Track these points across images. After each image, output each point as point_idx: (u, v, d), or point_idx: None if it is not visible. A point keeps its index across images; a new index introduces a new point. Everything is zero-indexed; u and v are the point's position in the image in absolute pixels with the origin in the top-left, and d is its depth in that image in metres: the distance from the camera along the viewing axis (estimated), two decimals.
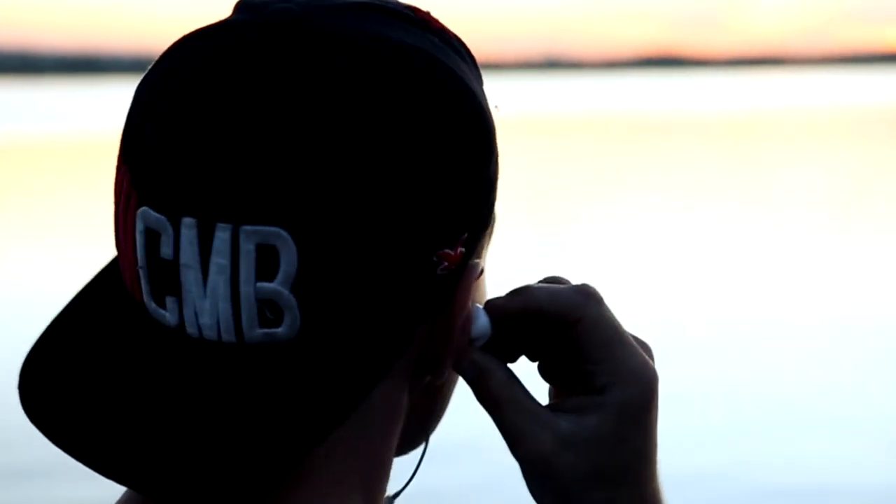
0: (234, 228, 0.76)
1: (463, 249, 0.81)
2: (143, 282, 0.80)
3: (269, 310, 0.77)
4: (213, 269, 0.77)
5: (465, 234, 0.81)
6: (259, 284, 0.77)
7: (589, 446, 0.85)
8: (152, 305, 0.80)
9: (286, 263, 0.76)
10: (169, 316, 0.80)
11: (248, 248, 0.76)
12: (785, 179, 25.01)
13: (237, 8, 0.85)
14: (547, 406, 0.89)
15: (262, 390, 0.77)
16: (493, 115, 0.85)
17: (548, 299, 0.88)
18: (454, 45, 0.85)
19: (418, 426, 0.89)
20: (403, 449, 0.89)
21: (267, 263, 0.77)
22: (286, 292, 0.77)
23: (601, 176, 26.98)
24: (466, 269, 0.83)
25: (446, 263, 0.80)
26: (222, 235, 0.77)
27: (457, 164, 0.79)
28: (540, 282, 0.92)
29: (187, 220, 0.77)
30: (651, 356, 0.91)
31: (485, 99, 0.85)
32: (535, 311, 0.88)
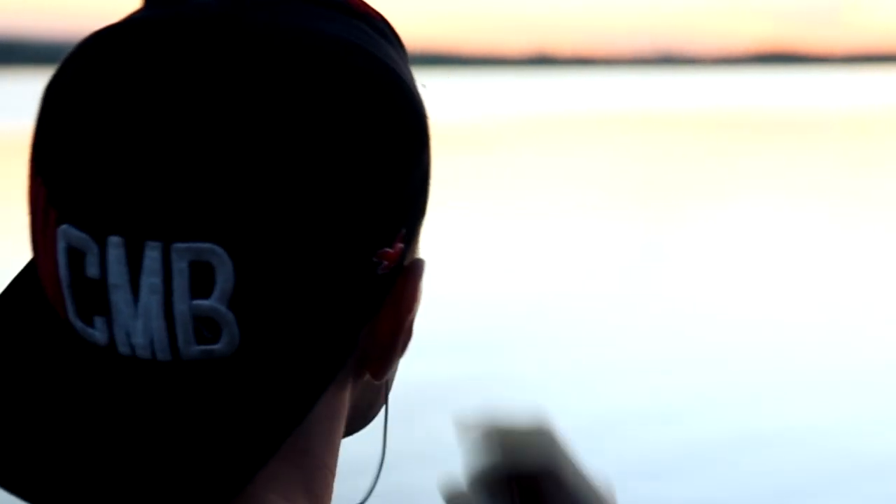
0: (165, 246, 0.73)
1: (402, 245, 0.78)
2: (67, 300, 0.76)
3: (206, 327, 0.74)
4: (144, 288, 0.74)
5: (403, 230, 0.78)
6: (194, 302, 0.73)
7: None
8: (79, 324, 0.76)
9: (222, 280, 0.73)
10: (98, 335, 0.76)
11: (180, 267, 0.73)
12: None
13: (147, 2, 0.80)
14: None
15: (202, 409, 0.74)
16: (422, 95, 0.82)
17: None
18: (380, 29, 0.82)
19: (360, 418, 0.87)
20: (343, 435, 0.86)
21: (202, 281, 0.73)
22: (223, 309, 0.74)
23: (715, 174, 26.53)
24: (412, 266, 0.80)
25: (386, 262, 0.77)
26: (153, 254, 0.73)
27: (391, 160, 0.76)
28: (505, 430, 0.97)
29: (114, 240, 0.74)
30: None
31: (414, 84, 0.81)
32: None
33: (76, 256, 0.75)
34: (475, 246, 15.37)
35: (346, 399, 0.82)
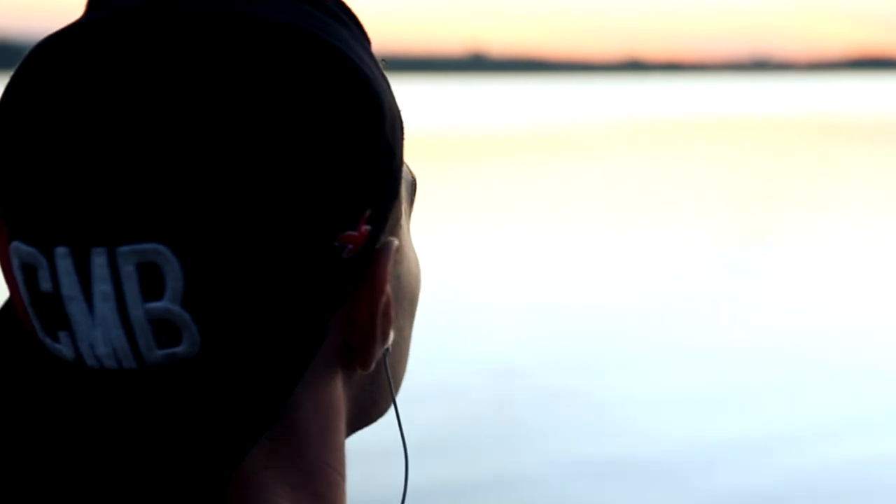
0: (110, 251, 0.72)
1: (368, 227, 0.76)
2: (32, 318, 0.77)
3: (164, 330, 0.73)
4: (97, 297, 0.73)
5: (369, 211, 0.76)
6: (148, 305, 0.73)
7: None
8: (48, 341, 0.76)
9: (171, 279, 0.72)
10: (65, 350, 0.76)
11: (128, 270, 0.72)
12: None
13: (88, 7, 0.80)
14: None
15: (171, 414, 0.73)
16: (382, 72, 0.81)
17: None
18: (332, 12, 0.80)
19: (363, 415, 0.85)
20: (348, 433, 0.85)
21: (151, 282, 0.73)
22: (178, 309, 0.73)
23: (810, 182, 26.04)
24: (381, 248, 0.78)
25: (351, 246, 0.76)
26: (99, 261, 0.73)
27: (342, 141, 0.75)
28: None
29: (60, 250, 0.73)
30: None
31: (369, 63, 0.79)
32: None
33: (30, 272, 0.75)
34: (569, 253, 15.06)
35: (339, 395, 0.81)
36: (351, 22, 0.80)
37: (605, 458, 7.23)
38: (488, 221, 18.44)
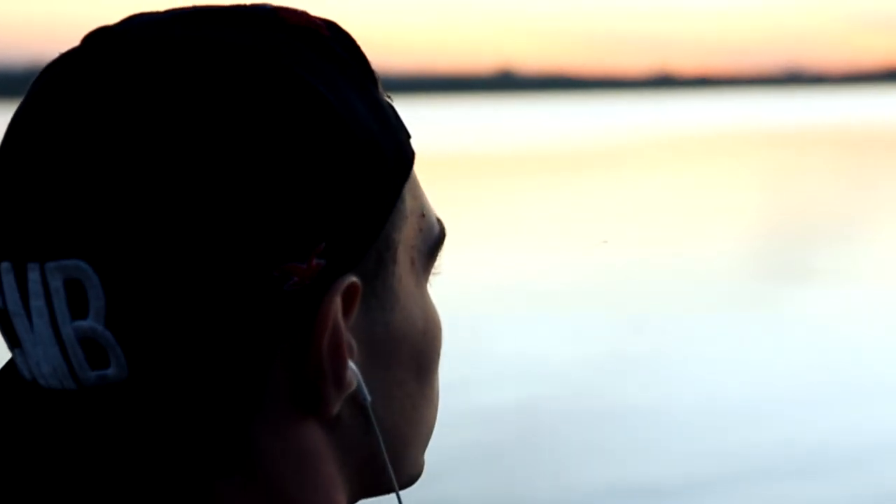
0: (41, 267, 0.73)
1: (322, 261, 0.74)
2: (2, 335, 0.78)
3: (92, 350, 0.73)
4: (34, 313, 0.73)
5: (323, 244, 0.74)
6: (75, 323, 0.73)
7: None
8: (18, 360, 0.77)
9: (94, 297, 0.72)
10: (23, 368, 0.76)
11: (56, 286, 0.73)
12: None
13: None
14: None
15: (105, 441, 0.73)
16: (384, 111, 0.79)
17: None
18: (326, 46, 0.78)
19: (367, 471, 0.81)
20: (368, 493, 0.82)
21: (77, 300, 0.72)
22: (101, 328, 0.72)
23: (845, 197, 25.67)
24: (336, 285, 0.75)
25: (296, 278, 0.73)
26: (33, 276, 0.73)
27: (291, 167, 0.73)
28: None
29: (4, 266, 0.74)
30: None
31: (348, 97, 0.77)
32: None
33: None
34: (603, 268, 14.78)
35: (317, 439, 0.78)
36: (352, 59, 0.79)
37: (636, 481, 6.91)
38: (521, 240, 18.19)
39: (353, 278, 0.76)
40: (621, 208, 23.74)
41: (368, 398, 0.78)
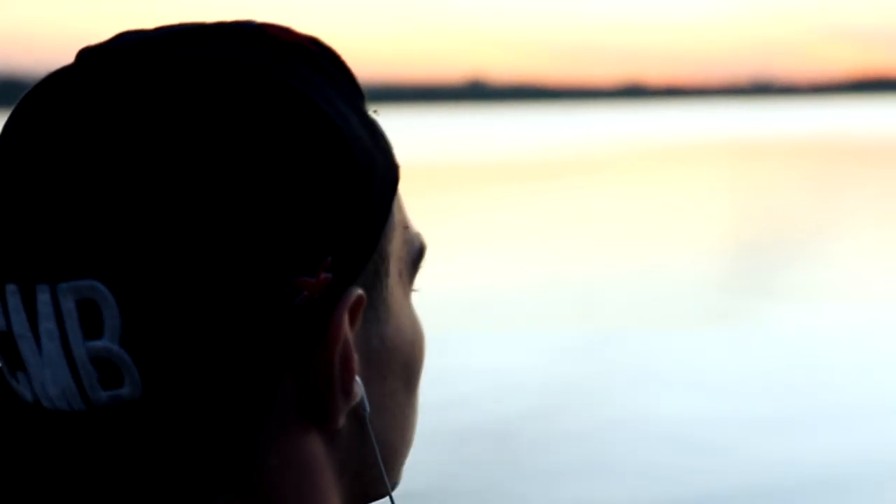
0: (52, 288, 0.72)
1: (329, 275, 0.75)
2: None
3: (106, 370, 0.72)
4: (43, 335, 0.73)
5: (329, 258, 0.75)
6: (89, 344, 0.72)
7: None
8: (13, 382, 0.76)
9: (109, 317, 0.72)
10: (25, 391, 0.75)
11: (68, 307, 0.72)
12: None
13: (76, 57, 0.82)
14: None
15: (117, 459, 0.73)
16: (372, 126, 0.80)
17: None
18: (315, 61, 0.80)
19: (357, 482, 0.81)
20: (350, 499, 0.82)
21: (91, 320, 0.72)
22: (116, 348, 0.72)
23: (813, 208, 25.82)
24: (345, 298, 0.76)
25: (306, 292, 0.74)
26: (43, 298, 0.72)
27: (301, 185, 0.74)
28: None
29: (10, 288, 0.73)
30: None
31: (344, 112, 0.78)
32: None
33: None
34: (572, 280, 14.88)
35: (318, 452, 0.78)
36: (340, 74, 0.80)
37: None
38: (492, 248, 18.22)
39: (359, 291, 0.77)
40: (591, 219, 23.82)
41: (368, 409, 0.79)
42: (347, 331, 0.76)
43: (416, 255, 0.83)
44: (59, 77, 0.76)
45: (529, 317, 12.66)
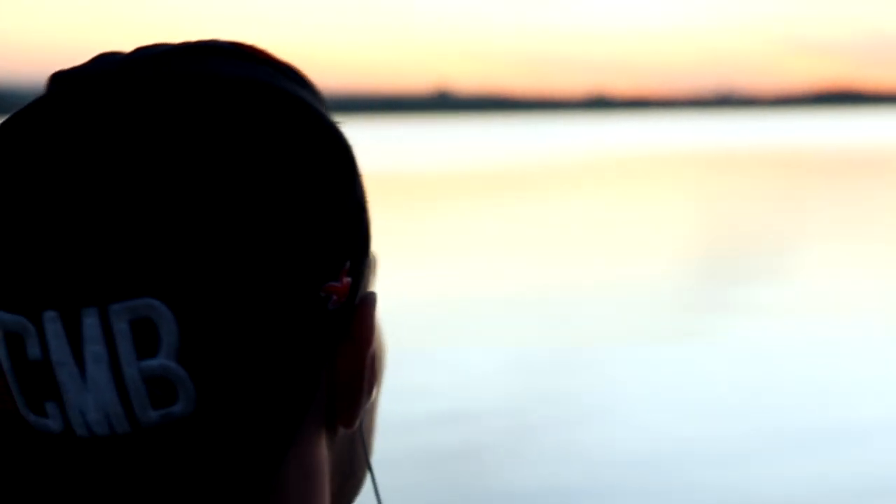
0: (102, 310, 0.71)
1: (349, 279, 0.77)
2: (15, 392, 0.74)
3: (159, 388, 0.72)
4: (89, 359, 0.72)
5: (348, 263, 0.77)
6: (143, 363, 0.72)
7: None
8: (32, 417, 0.74)
9: (166, 334, 0.72)
10: (52, 423, 0.73)
11: (121, 328, 0.71)
12: None
13: (50, 82, 0.81)
14: None
15: (168, 479, 0.73)
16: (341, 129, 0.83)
17: None
18: (288, 73, 0.82)
19: (347, 482, 0.84)
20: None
21: (146, 339, 0.72)
22: (174, 365, 0.72)
23: (774, 221, 26.00)
24: (365, 299, 0.79)
25: (335, 297, 0.76)
26: (90, 321, 0.72)
27: (323, 192, 0.76)
28: None
29: (49, 315, 0.72)
30: None
31: (330, 119, 0.82)
32: None
33: (14, 341, 0.74)
34: (536, 291, 14.96)
35: (322, 455, 0.80)
36: (307, 84, 0.83)
37: None
38: (456, 259, 18.27)
39: (373, 291, 0.80)
40: (554, 230, 23.90)
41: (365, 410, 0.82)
42: (379, 330, 0.80)
43: (373, 258, 0.85)
44: (79, 93, 0.76)
45: (491, 328, 12.71)
